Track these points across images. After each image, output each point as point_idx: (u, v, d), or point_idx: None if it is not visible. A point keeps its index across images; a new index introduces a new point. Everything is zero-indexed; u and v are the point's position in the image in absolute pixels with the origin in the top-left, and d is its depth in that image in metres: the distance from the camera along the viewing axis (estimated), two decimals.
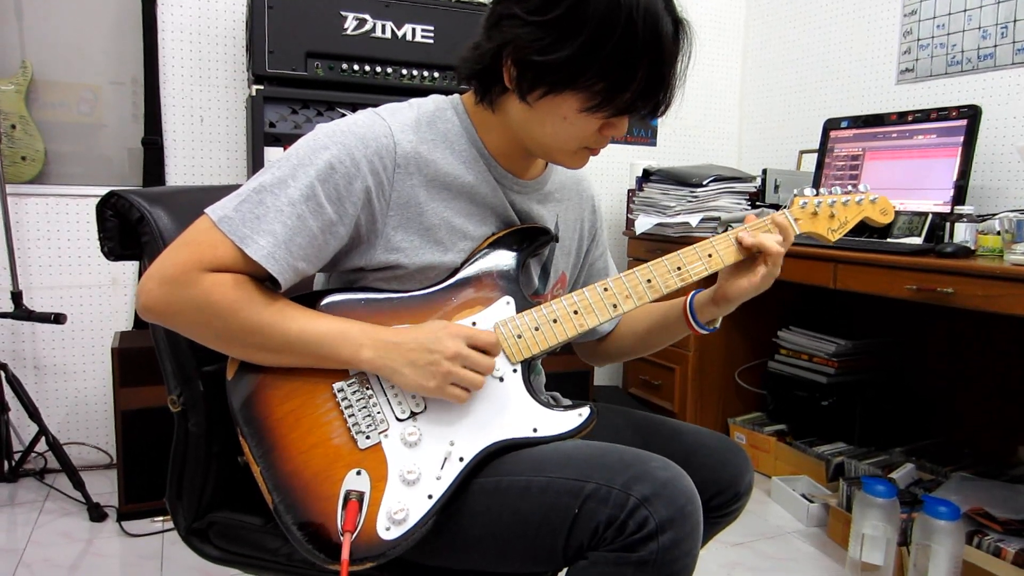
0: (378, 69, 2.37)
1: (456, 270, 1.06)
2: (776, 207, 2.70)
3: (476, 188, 1.07)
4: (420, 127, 1.04)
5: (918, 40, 2.65)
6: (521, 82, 0.97)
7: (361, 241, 1.02)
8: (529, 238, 1.11)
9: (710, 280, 1.14)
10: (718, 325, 1.21)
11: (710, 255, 1.10)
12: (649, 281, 1.08)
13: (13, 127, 2.42)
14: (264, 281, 0.98)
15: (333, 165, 0.96)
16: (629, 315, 1.30)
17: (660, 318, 1.25)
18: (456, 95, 1.11)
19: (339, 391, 0.99)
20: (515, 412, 1.01)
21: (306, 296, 1.04)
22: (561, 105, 0.97)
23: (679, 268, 1.09)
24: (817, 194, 1.18)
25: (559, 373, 2.72)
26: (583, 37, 0.91)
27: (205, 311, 0.94)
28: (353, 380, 0.99)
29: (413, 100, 1.09)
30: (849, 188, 1.21)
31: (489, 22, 1.00)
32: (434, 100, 1.10)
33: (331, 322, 0.97)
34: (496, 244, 1.08)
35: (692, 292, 1.20)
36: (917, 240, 2.12)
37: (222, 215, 0.94)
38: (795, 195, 1.18)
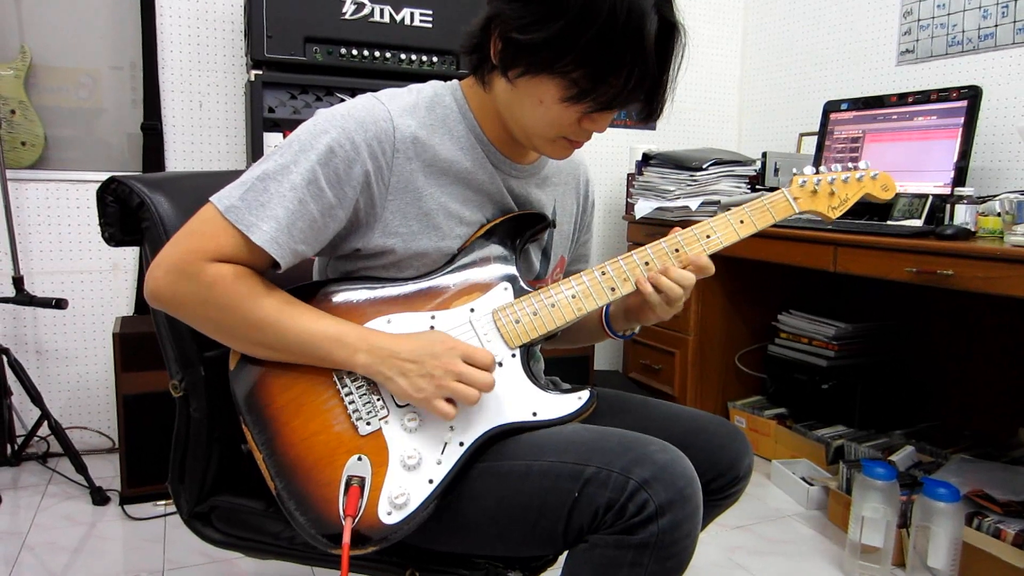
0: (376, 54, 2.36)
1: (453, 257, 1.06)
2: (775, 190, 2.69)
3: (473, 174, 1.07)
4: (419, 112, 1.04)
5: (918, 20, 2.64)
6: (504, 58, 0.97)
7: (359, 224, 1.02)
8: (526, 225, 1.11)
9: None
10: (636, 332, 1.25)
11: (708, 236, 1.10)
12: (647, 264, 1.08)
13: (13, 112, 2.42)
14: (266, 270, 0.99)
15: (333, 149, 0.96)
16: None
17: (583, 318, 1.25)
18: (455, 81, 1.11)
19: (339, 379, 0.99)
20: (515, 396, 1.02)
21: (307, 287, 1.04)
22: (538, 88, 0.97)
23: (677, 250, 1.09)
24: (816, 172, 1.18)
25: (559, 358, 2.73)
26: (562, 22, 0.91)
27: (207, 303, 0.95)
28: None
29: (412, 85, 1.09)
30: (849, 165, 1.20)
31: None
32: (433, 86, 1.10)
33: (329, 324, 0.98)
34: (493, 231, 1.08)
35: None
36: (917, 222, 2.12)
37: (228, 204, 0.95)
38: (794, 174, 1.18)
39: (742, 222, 1.12)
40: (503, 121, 1.06)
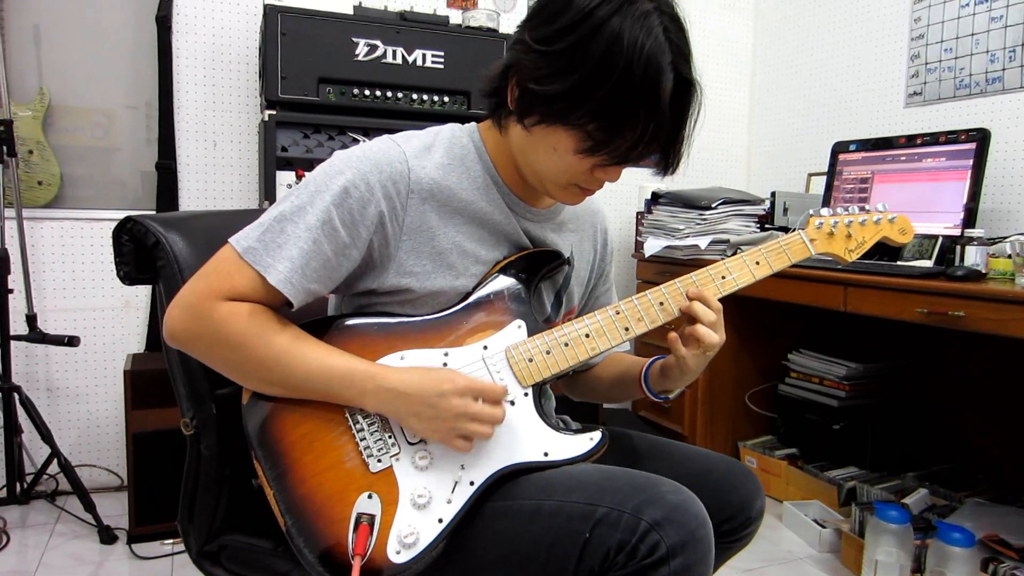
0: (388, 94, 2.39)
1: (468, 294, 1.07)
2: (785, 229, 2.70)
3: (489, 214, 1.08)
4: (435, 152, 1.06)
5: (926, 64, 2.66)
6: (520, 106, 0.99)
7: (374, 264, 1.03)
8: (541, 262, 1.12)
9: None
10: (671, 397, 1.19)
11: (723, 277, 1.10)
12: (662, 304, 1.08)
13: (30, 152, 2.46)
14: (280, 307, 1.00)
15: (348, 189, 0.97)
16: (608, 358, 1.29)
17: (623, 372, 1.24)
18: (472, 124, 1.13)
19: (351, 415, 0.99)
20: (526, 436, 1.01)
21: (321, 321, 1.05)
22: (552, 137, 0.98)
23: None
24: (834, 213, 1.17)
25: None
26: (577, 76, 0.92)
27: (220, 341, 0.96)
28: None
29: (430, 128, 1.11)
30: (867, 207, 1.18)
31: (509, 42, 1.02)
32: (451, 128, 1.11)
33: (337, 362, 0.98)
34: (507, 268, 1.09)
35: (654, 357, 1.19)
36: (928, 263, 2.12)
37: (247, 246, 0.96)
38: (811, 215, 1.16)
39: (758, 263, 1.12)
40: (517, 164, 1.07)
